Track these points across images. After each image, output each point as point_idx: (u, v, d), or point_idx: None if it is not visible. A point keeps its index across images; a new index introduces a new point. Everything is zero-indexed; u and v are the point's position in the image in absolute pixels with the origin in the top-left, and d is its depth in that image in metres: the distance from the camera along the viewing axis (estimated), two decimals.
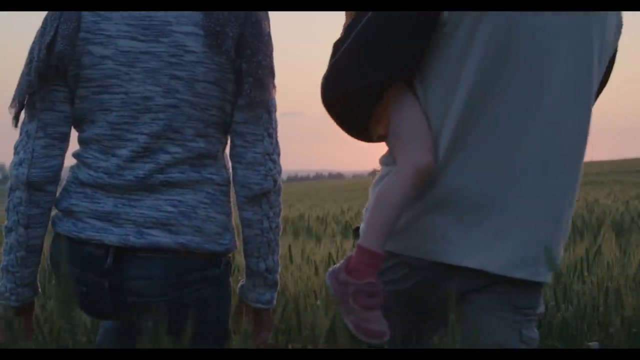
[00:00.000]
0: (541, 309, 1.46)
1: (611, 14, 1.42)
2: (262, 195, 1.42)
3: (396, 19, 1.31)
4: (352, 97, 1.39)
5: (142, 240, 1.36)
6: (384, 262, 1.41)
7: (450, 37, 1.31)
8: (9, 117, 1.44)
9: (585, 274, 2.85)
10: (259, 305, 1.49)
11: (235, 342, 1.50)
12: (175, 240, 1.37)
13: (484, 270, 1.35)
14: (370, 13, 1.35)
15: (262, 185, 1.41)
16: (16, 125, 1.43)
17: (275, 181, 1.42)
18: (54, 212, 1.46)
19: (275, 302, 1.52)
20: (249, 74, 1.38)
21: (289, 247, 3.40)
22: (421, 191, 1.37)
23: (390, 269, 1.44)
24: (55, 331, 2.21)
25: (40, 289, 1.52)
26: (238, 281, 1.57)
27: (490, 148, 1.33)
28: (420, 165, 1.35)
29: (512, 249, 1.35)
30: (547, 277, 1.41)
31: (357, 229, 1.52)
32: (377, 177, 1.51)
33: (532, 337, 1.43)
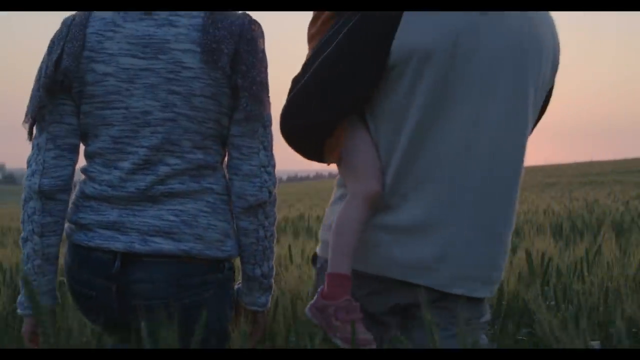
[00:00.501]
0: (486, 317, 1.58)
1: (547, 52, 1.54)
2: (257, 206, 1.48)
3: (349, 60, 1.44)
4: (307, 130, 1.50)
5: (146, 247, 1.43)
6: None
7: (398, 79, 1.44)
8: (9, 118, 1.48)
9: (585, 274, 2.84)
10: (254, 308, 1.56)
11: (234, 341, 1.52)
12: (178, 247, 1.43)
13: (425, 285, 1.46)
14: (326, 53, 1.46)
15: (258, 196, 1.47)
16: (30, 139, 1.49)
17: (270, 192, 1.49)
18: (66, 225, 1.51)
19: (269, 304, 1.58)
20: (244, 89, 1.44)
21: (289, 247, 3.40)
22: (373, 213, 1.49)
23: None
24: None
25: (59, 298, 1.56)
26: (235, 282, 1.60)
27: (432, 178, 1.46)
28: (369, 194, 1.47)
29: (453, 267, 1.47)
30: (487, 292, 1.53)
31: (315, 255, 1.64)
32: (332, 198, 1.62)
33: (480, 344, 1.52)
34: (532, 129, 1.61)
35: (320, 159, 1.56)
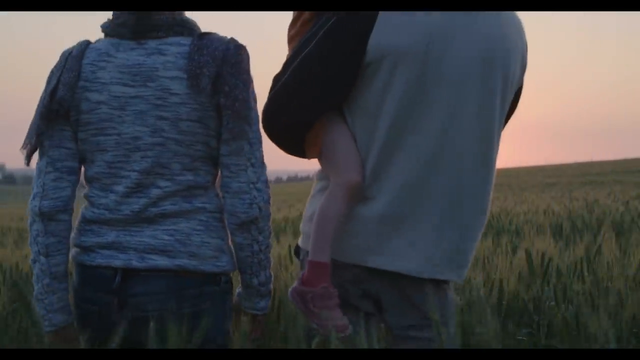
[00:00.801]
0: (452, 310, 1.62)
1: (516, 53, 1.59)
2: (250, 222, 1.53)
3: (327, 59, 1.49)
4: (287, 128, 1.55)
5: (143, 263, 1.49)
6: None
7: (373, 76, 1.49)
8: (9, 118, 1.52)
9: (585, 274, 2.85)
10: (254, 312, 1.61)
11: (234, 341, 1.54)
12: (173, 262, 1.49)
13: (397, 271, 1.52)
14: (305, 52, 1.51)
15: (248, 213, 1.52)
16: (28, 164, 1.56)
17: (260, 209, 1.53)
18: (73, 249, 1.58)
19: (268, 307, 1.63)
20: (227, 107, 1.49)
21: (289, 247, 3.40)
22: (353, 203, 1.54)
23: None
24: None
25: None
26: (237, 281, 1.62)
27: (406, 175, 1.51)
28: (350, 185, 1.52)
29: (422, 256, 1.53)
30: (455, 276, 1.59)
31: (297, 247, 1.68)
32: (312, 191, 1.67)
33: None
34: (502, 127, 1.66)
35: (302, 154, 1.60)
